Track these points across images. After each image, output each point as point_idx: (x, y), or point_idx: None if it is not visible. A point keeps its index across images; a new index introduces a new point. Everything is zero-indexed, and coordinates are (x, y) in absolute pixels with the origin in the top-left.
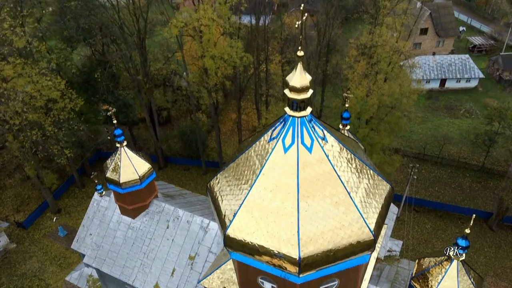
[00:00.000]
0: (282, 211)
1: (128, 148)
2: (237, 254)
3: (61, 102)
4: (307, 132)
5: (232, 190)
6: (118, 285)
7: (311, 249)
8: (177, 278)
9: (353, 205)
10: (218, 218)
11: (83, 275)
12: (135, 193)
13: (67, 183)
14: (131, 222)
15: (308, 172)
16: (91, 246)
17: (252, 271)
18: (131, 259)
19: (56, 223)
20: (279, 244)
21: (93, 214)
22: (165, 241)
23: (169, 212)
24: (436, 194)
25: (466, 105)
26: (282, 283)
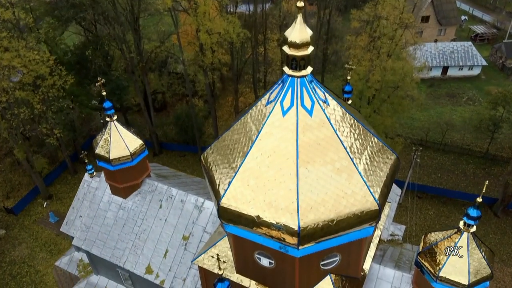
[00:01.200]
0: (280, 178)
1: (119, 122)
2: (232, 227)
3: (50, 79)
4: (308, 94)
5: (226, 159)
6: (109, 269)
7: (312, 218)
8: (170, 260)
9: (357, 172)
10: (212, 189)
11: (73, 260)
12: (126, 170)
13: (59, 169)
14: (122, 202)
15: (308, 136)
16: (80, 228)
17: (249, 246)
18: (122, 241)
19: (47, 209)
20: (277, 213)
21: (83, 195)
22: (158, 221)
23: (162, 191)
24: (439, 181)
25: (469, 92)
26: (281, 258)
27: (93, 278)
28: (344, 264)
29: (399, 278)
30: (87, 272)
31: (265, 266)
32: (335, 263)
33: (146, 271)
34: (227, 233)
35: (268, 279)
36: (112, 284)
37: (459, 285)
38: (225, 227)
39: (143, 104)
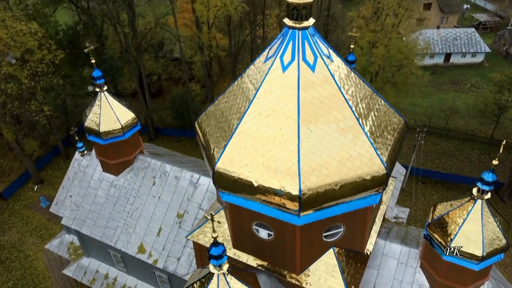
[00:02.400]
0: (280, 138)
1: (110, 94)
2: (229, 195)
3: (38, 53)
4: (310, 48)
5: (222, 122)
6: (100, 251)
7: (314, 181)
8: (164, 238)
9: (363, 133)
10: (206, 155)
11: (64, 242)
12: (118, 145)
13: (51, 153)
14: (113, 179)
15: (311, 94)
16: (70, 207)
17: (246, 216)
18: (114, 219)
19: (38, 193)
20: (276, 176)
21: (74, 175)
22: (151, 198)
23: (155, 168)
24: (443, 166)
25: (472, 79)
26: (280, 228)
27: (84, 260)
28: (348, 236)
29: (406, 254)
30: (78, 255)
31: (263, 239)
32: (339, 235)
33: (139, 250)
34: (223, 203)
35: (267, 253)
36: (104, 266)
37: (472, 257)
38: (221, 195)
39: (138, 87)
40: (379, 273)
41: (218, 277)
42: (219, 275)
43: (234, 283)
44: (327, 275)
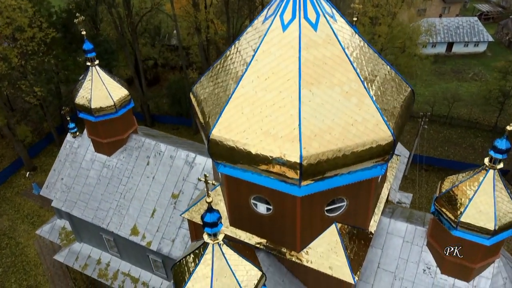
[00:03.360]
0: (280, 102)
1: (101, 68)
2: (225, 166)
3: (29, 31)
4: (312, 5)
5: (218, 87)
6: (93, 236)
7: (316, 147)
8: (158, 219)
9: (368, 97)
10: (202, 124)
11: (55, 228)
12: (110, 123)
13: (44, 141)
14: (106, 160)
15: (313, 54)
16: (60, 188)
17: (243, 190)
18: (106, 201)
19: (30, 179)
20: (275, 142)
21: (65, 157)
22: (145, 179)
23: (149, 147)
24: (446, 154)
25: (475, 69)
26: (280, 201)
27: (76, 245)
28: (352, 212)
29: (411, 232)
30: (69, 241)
31: (262, 214)
32: (342, 210)
33: (132, 232)
34: (220, 178)
35: (266, 230)
36: (96, 251)
37: (483, 231)
38: (217, 167)
39: (134, 72)
40: (384, 252)
41: (213, 247)
42: (214, 245)
43: (230, 254)
44: (329, 252)
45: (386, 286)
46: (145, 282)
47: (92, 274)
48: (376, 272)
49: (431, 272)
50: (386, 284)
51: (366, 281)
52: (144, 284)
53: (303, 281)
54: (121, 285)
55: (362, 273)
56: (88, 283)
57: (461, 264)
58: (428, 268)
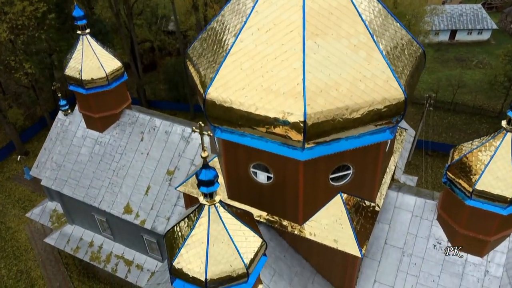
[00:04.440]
0: (282, 56)
1: (93, 38)
2: (222, 131)
3: (18, 5)
4: None
5: (215, 44)
6: (85, 217)
7: (321, 104)
8: (152, 197)
9: (378, 51)
10: (197, 85)
11: (46, 210)
12: (102, 96)
13: (37, 125)
14: (98, 136)
15: (318, 3)
16: (50, 166)
17: (242, 157)
18: (98, 178)
19: (21, 163)
20: (277, 99)
21: (56, 135)
22: (139, 155)
23: (144, 123)
24: (450, 140)
25: (479, 56)
26: (281, 167)
27: (67, 228)
28: (358, 181)
29: (421, 206)
30: (61, 223)
31: (262, 184)
32: (347, 179)
33: (125, 211)
34: (217, 146)
35: (266, 201)
36: (89, 234)
37: (500, 199)
38: (214, 132)
39: (129, 54)
40: (391, 227)
41: (209, 209)
42: (210, 207)
43: (228, 218)
44: (333, 224)
45: (394, 263)
46: (139, 264)
47: (84, 257)
48: (383, 248)
49: (442, 247)
50: (394, 261)
51: (373, 257)
52: (138, 267)
53: (305, 256)
54: (114, 268)
55: (368, 250)
56: (80, 268)
57: (475, 238)
58: (439, 243)
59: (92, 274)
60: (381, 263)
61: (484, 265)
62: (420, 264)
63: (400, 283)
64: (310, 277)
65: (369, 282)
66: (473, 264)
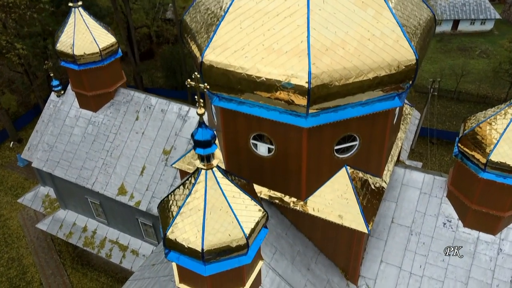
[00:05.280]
0: (285, 12)
1: (85, 11)
2: (220, 99)
3: None
4: None
5: (212, 6)
6: (78, 201)
7: (327, 63)
8: (148, 177)
9: (388, 9)
10: (193, 50)
11: (38, 195)
12: (95, 73)
13: (31, 113)
14: (92, 116)
15: None
16: (42, 147)
17: (242, 128)
18: (91, 159)
19: (14, 149)
20: (279, 59)
21: (49, 117)
22: (134, 135)
23: (139, 102)
24: (454, 128)
25: (482, 46)
26: (283, 138)
27: (60, 213)
28: (364, 154)
29: (429, 182)
30: (53, 208)
31: (262, 156)
32: (353, 151)
33: (119, 192)
34: (215, 118)
35: (267, 176)
36: (82, 219)
37: None
38: (212, 100)
39: (126, 39)
40: (398, 205)
41: (206, 174)
42: (208, 172)
43: (226, 185)
44: (338, 199)
45: (401, 242)
46: (134, 250)
47: (77, 242)
48: (390, 227)
49: (452, 225)
50: (401, 240)
51: (379, 237)
52: (133, 252)
53: (308, 235)
54: (108, 253)
55: (374, 229)
56: (74, 255)
57: (488, 214)
58: (449, 221)
59: (86, 262)
60: (387, 243)
61: (497, 243)
62: (429, 243)
63: (408, 263)
64: (313, 257)
65: (375, 263)
66: (485, 243)
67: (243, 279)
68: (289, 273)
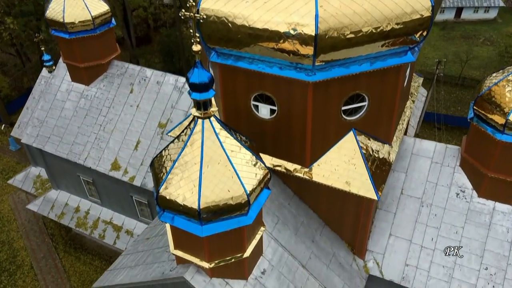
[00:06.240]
0: None
1: None
2: (219, 55)
3: None
4: None
5: None
6: (70, 180)
7: (336, 6)
8: (143, 152)
9: None
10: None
11: (30, 176)
12: (88, 42)
13: (24, 97)
14: (84, 89)
15: None
16: (31, 123)
17: (242, 87)
18: (83, 134)
19: (5, 132)
20: (282, 3)
21: (40, 93)
22: (128, 108)
23: (133, 74)
24: (459, 114)
25: (486, 34)
26: (287, 95)
27: (52, 193)
28: (373, 117)
29: (441, 151)
30: (45, 189)
31: (264, 119)
32: (362, 113)
33: (112, 167)
34: (213, 69)
35: (268, 141)
36: (75, 199)
37: None
38: (209, 56)
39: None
40: (408, 176)
41: (203, 124)
42: (205, 121)
43: (225, 137)
44: (345, 165)
45: (411, 214)
46: (129, 230)
47: (69, 223)
48: (399, 199)
49: (466, 195)
50: (411, 212)
51: (388, 209)
52: (128, 233)
53: (313, 206)
54: (101, 234)
55: (382, 202)
56: (67, 239)
57: (505, 182)
58: (462, 192)
59: (79, 245)
60: (397, 215)
61: None
62: (442, 215)
63: (419, 236)
64: (317, 229)
65: (384, 236)
66: (501, 213)
67: (243, 244)
68: (292, 244)
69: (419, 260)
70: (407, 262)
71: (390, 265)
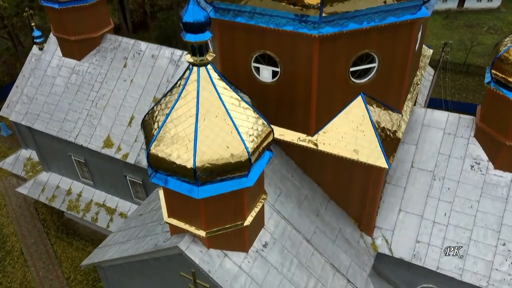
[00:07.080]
0: None
1: None
2: (217, 10)
3: None
4: None
5: None
6: (61, 161)
7: None
8: (137, 128)
9: None
10: None
11: (20, 159)
12: (79, 14)
13: None
14: (75, 64)
15: None
16: (21, 100)
17: (241, 48)
18: (74, 111)
19: None
20: None
21: (30, 71)
22: (121, 83)
23: (127, 48)
24: (464, 101)
25: (490, 23)
26: (290, 54)
27: (43, 176)
28: (383, 81)
29: (454, 122)
30: (35, 172)
31: (265, 83)
32: (371, 75)
33: (104, 144)
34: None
35: (270, 108)
36: (66, 181)
37: None
38: (210, 12)
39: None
40: (419, 148)
41: (199, 71)
42: (201, 68)
43: (223, 88)
44: (354, 132)
45: (423, 188)
46: (122, 212)
47: (60, 206)
48: (409, 172)
49: (481, 167)
50: (422, 186)
51: (397, 183)
52: (122, 215)
53: (317, 179)
54: (94, 217)
55: (390, 175)
56: (59, 224)
57: None
58: (477, 164)
59: (72, 231)
60: (407, 190)
61: None
62: (455, 189)
63: (431, 211)
64: (322, 203)
65: (393, 212)
66: None
67: (243, 210)
68: (296, 217)
69: (431, 237)
70: (418, 239)
71: (400, 242)
